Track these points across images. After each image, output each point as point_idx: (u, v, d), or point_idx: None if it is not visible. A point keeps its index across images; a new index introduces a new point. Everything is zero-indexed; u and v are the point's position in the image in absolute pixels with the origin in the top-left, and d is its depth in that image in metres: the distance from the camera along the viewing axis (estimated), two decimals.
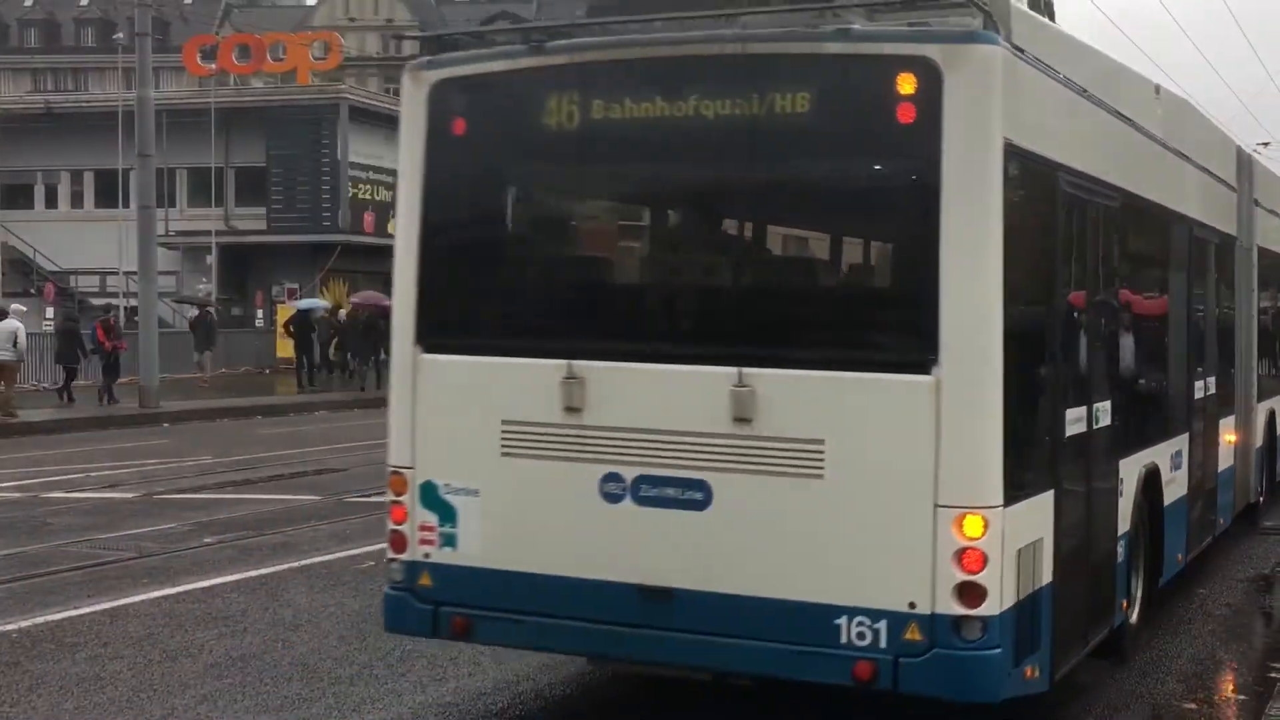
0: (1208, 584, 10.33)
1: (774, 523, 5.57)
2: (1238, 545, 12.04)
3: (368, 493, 15.13)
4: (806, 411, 5.56)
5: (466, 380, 6.22)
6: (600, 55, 6.03)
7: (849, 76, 5.62)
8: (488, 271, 6.40)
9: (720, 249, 6.29)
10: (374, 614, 9.06)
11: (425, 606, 6.25)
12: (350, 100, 41.76)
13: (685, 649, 5.74)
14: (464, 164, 6.37)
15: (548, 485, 5.98)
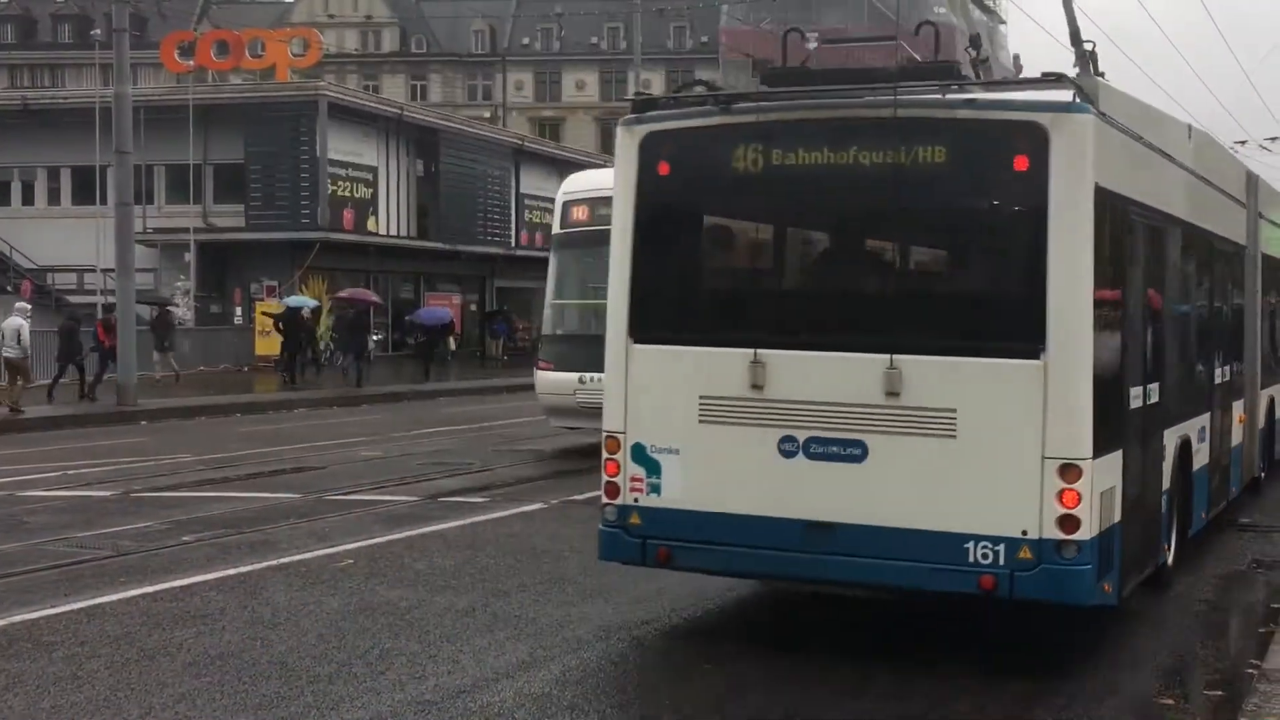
0: (1185, 580, 10.38)
1: (917, 471, 7.33)
2: (1214, 541, 12.11)
3: (347, 490, 15.12)
4: (943, 388, 7.32)
5: (670, 364, 8.04)
6: (780, 116, 7.91)
7: (976, 135, 7.45)
8: (687, 280, 8.42)
9: (874, 264, 8.14)
10: (353, 612, 9.08)
11: (635, 540, 8.11)
12: (329, 97, 41.66)
13: (844, 569, 7.55)
14: (667, 197, 8.26)
15: (736, 445, 7.77)
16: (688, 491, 7.96)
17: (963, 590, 7.30)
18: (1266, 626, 8.74)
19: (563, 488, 15.53)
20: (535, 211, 53.08)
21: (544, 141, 60.94)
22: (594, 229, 18.70)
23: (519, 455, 19.10)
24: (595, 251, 18.38)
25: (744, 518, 7.78)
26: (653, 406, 8.11)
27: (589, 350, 17.58)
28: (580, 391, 18.70)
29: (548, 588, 9.92)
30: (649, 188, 8.26)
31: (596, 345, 14.77)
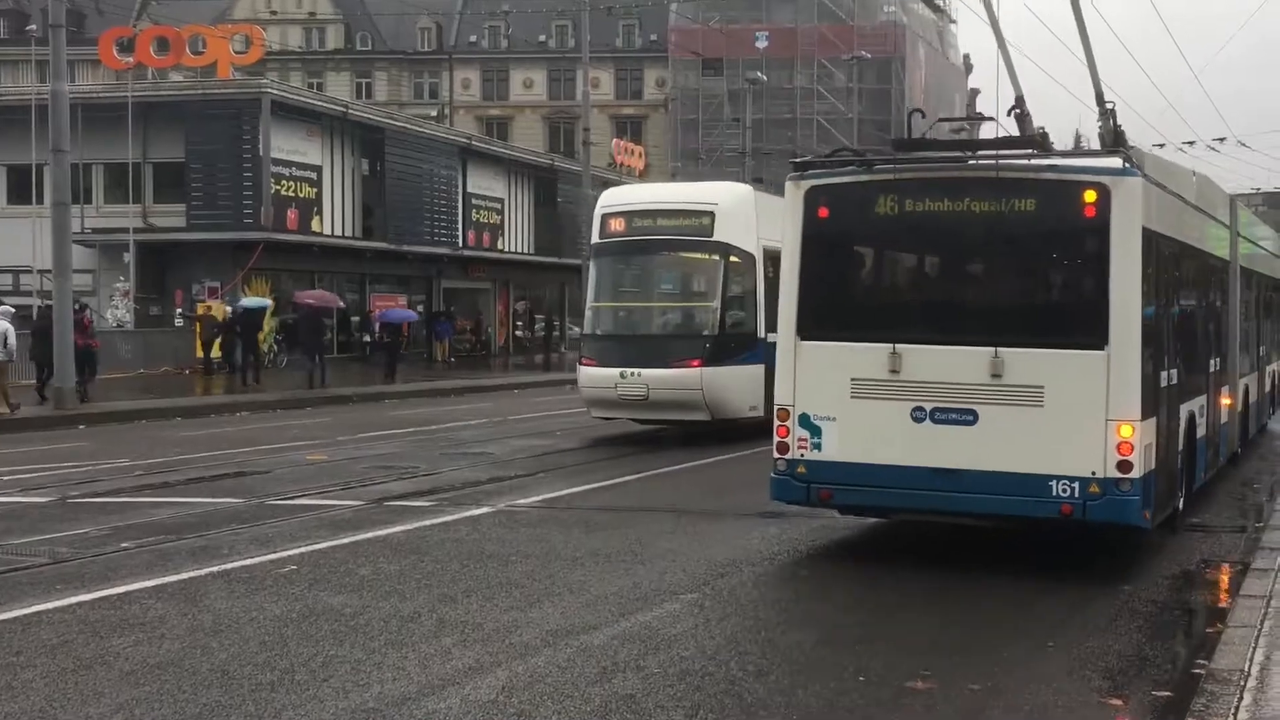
0: (1133, 580, 10.49)
1: (1014, 430, 10.19)
2: (1162, 542, 12.25)
3: (290, 495, 15.02)
4: (1033, 371, 10.21)
5: (828, 356, 11.00)
6: (910, 175, 10.89)
7: (1058, 191, 10.36)
8: (840, 293, 11.38)
9: (981, 283, 11.21)
10: (296, 618, 9.02)
11: (801, 485, 11.03)
12: (272, 95, 41.36)
13: (961, 503, 10.43)
14: (825, 234, 11.20)
15: (878, 413, 10.66)
16: (843, 448, 10.88)
17: (1048, 516, 10.17)
18: (1214, 626, 8.83)
19: (511, 492, 15.50)
20: (483, 211, 52.99)
21: (491, 141, 60.83)
22: (630, 239, 21.53)
23: (467, 459, 19.05)
24: (630, 259, 22.09)
25: (886, 466, 10.71)
26: (815, 386, 11.05)
27: (628, 347, 21.35)
28: (621, 385, 20.90)
29: (495, 593, 9.90)
30: (811, 228, 11.29)
31: (634, 343, 19.91)
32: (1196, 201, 13.66)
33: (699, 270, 21.83)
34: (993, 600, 9.84)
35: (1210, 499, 14.97)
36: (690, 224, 21.43)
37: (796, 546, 11.90)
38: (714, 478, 16.97)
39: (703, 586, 10.19)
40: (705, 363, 20.76)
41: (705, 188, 23.84)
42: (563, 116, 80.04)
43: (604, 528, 12.89)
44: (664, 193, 23.87)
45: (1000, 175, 10.64)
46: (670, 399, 20.92)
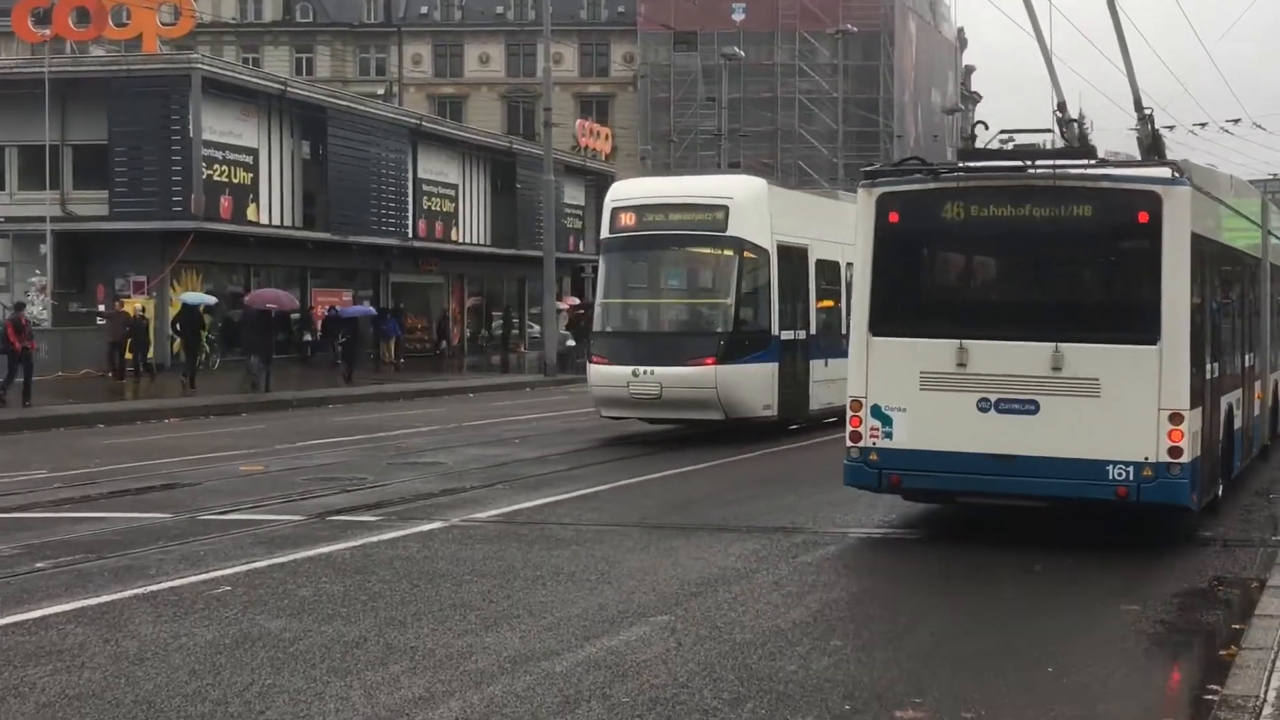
0: (1141, 599, 10.55)
1: (1073, 418, 11.86)
2: (1172, 557, 12.33)
3: (224, 509, 14.97)
4: (1091, 364, 11.90)
5: (898, 350, 12.60)
6: (975, 183, 12.62)
7: (1113, 198, 12.14)
8: (910, 293, 13.07)
9: (1041, 283, 12.95)
10: (230, 645, 8.99)
11: (873, 471, 12.70)
12: (204, 71, 41.15)
13: (1022, 486, 12.10)
14: (895, 238, 12.81)
15: (946, 404, 12.32)
16: (912, 437, 12.54)
17: (1103, 498, 11.91)
18: (1228, 649, 8.89)
19: (465, 505, 15.49)
20: (435, 199, 52.92)
21: (444, 121, 60.75)
22: (641, 234, 22.58)
23: (417, 470, 19.02)
24: (642, 255, 23.11)
25: (952, 453, 12.40)
26: (886, 379, 12.65)
27: (640, 345, 22.53)
28: (633, 384, 22.00)
29: (448, 615, 9.89)
30: (882, 232, 12.90)
31: (647, 341, 21.57)
32: (1233, 203, 15.60)
33: (713, 266, 22.99)
34: (988, 622, 9.89)
35: (1224, 510, 15.09)
36: (704, 219, 22.48)
37: (775, 565, 11.93)
38: (687, 490, 16.99)
39: (675, 608, 10.20)
40: (720, 361, 21.82)
41: (718, 181, 25.06)
42: (522, 95, 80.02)
43: (567, 544, 12.89)
44: (676, 186, 24.71)
45: (1058, 184, 12.48)
46: (684, 398, 21.92)
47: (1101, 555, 12.41)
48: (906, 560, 12.18)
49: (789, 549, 12.70)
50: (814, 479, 17.89)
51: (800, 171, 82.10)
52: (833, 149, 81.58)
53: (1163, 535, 13.31)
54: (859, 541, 13.18)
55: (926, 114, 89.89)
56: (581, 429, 25.62)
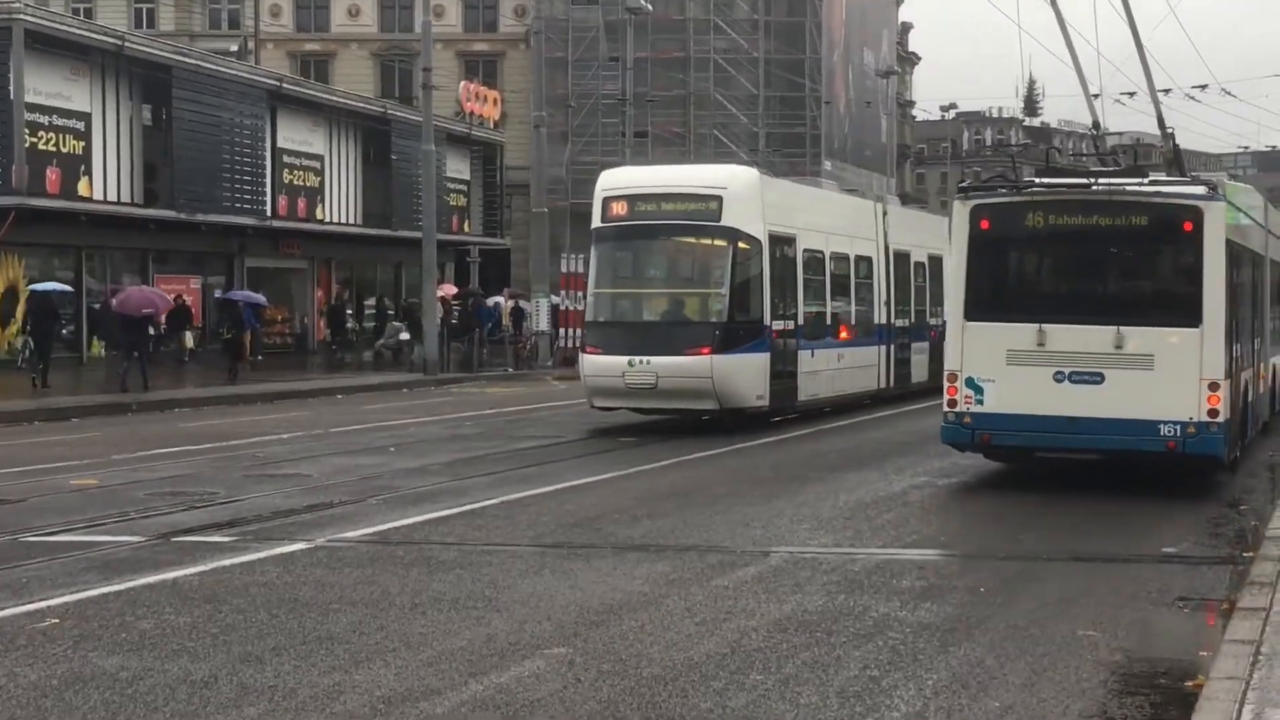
0: (1100, 625, 10.70)
1: (1132, 387, 16.63)
2: (1131, 573, 12.51)
3: (51, 530, 14.79)
4: (1146, 343, 16.73)
5: (988, 332, 17.29)
6: (1052, 197, 17.48)
7: (1164, 210, 17.08)
8: (997, 285, 17.80)
9: (1107, 278, 17.85)
10: (58, 686, 8.87)
11: (967, 430, 17.39)
12: (26, 22, 40.51)
13: (1092, 442, 17.14)
14: (986, 241, 17.49)
15: (1028, 376, 16.99)
16: (1000, 402, 17.31)
17: (1156, 450, 16.71)
18: (1194, 679, 9.04)
19: (333, 523, 15.42)
20: (297, 172, 52.52)
21: (308, 83, 60.32)
22: (633, 223, 25.50)
23: (277, 482, 18.90)
24: (635, 244, 26.19)
25: (1032, 415, 17.16)
26: (978, 356, 17.47)
27: (635, 335, 25.32)
28: (629, 373, 24.66)
29: (312, 650, 9.84)
30: (975, 235, 17.73)
31: (642, 331, 24.91)
32: (1248, 210, 20.89)
33: (708, 256, 25.85)
34: (926, 662, 9.98)
35: (1187, 523, 15.35)
36: (698, 208, 25.36)
37: (687, 589, 11.97)
38: (589, 504, 17.01)
39: (573, 639, 10.20)
40: (716, 351, 24.67)
41: (711, 170, 28.53)
42: (398, 53, 79.61)
43: (450, 566, 12.86)
44: (668, 175, 28.08)
45: (1119, 199, 17.53)
46: (680, 387, 24.67)
47: (1062, 587, 12.58)
48: (836, 582, 12.27)
49: (703, 571, 12.74)
50: (733, 491, 17.99)
51: (716, 141, 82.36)
52: (753, 116, 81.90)
53: (1128, 548, 13.52)
54: (782, 561, 13.26)
55: (858, 77, 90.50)
56: (468, 435, 25.57)
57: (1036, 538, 14.75)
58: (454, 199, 61.82)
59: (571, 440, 24.63)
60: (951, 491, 18.18)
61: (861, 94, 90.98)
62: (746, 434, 24.77)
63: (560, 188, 77.00)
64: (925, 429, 23.37)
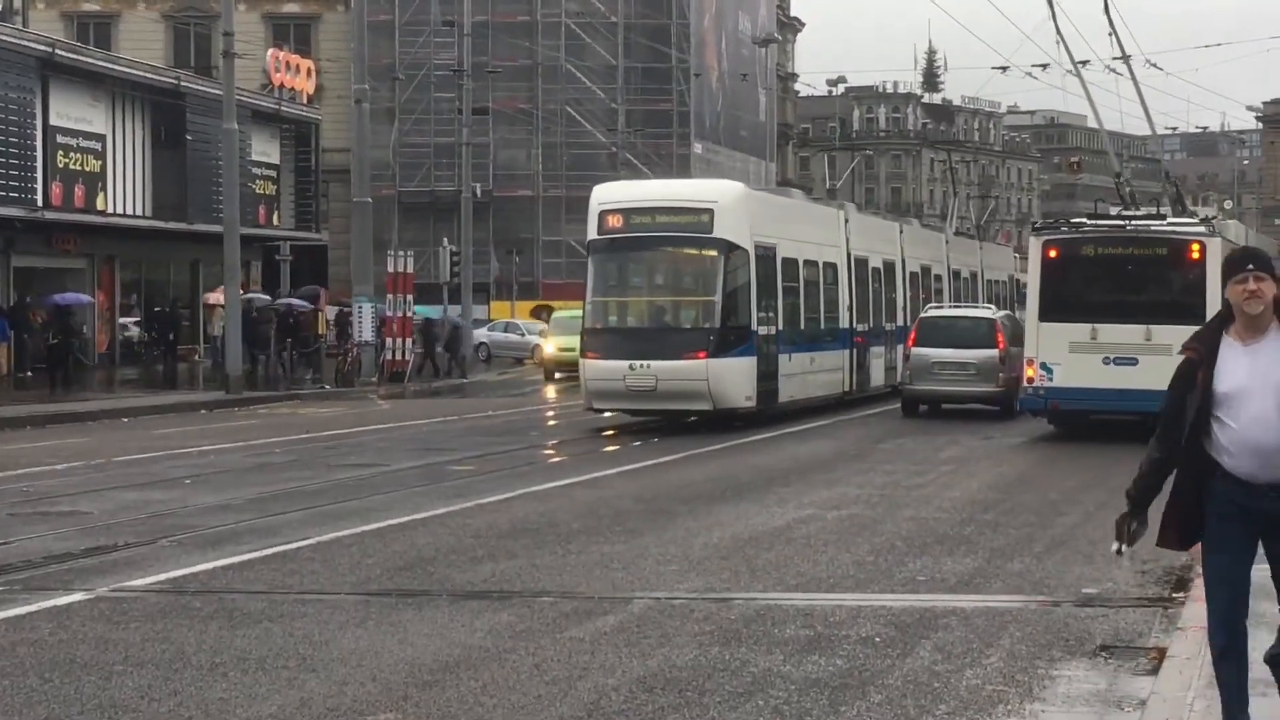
0: (1007, 677, 10.83)
1: (1158, 368, 18.19)
2: (1046, 618, 12.70)
3: None
4: (1167, 337, 25.67)
5: (1056, 330, 29.96)
6: (1102, 234, 30.96)
7: (1178, 244, 30.15)
8: (1062, 296, 30.38)
9: (1140, 290, 30.44)
10: None
11: (1041, 399, 30.23)
12: None
13: (1131, 408, 27.64)
14: (1053, 265, 30.45)
15: (1084, 360, 29.56)
16: (1064, 379, 29.23)
17: None
18: None
19: (117, 569, 15.27)
20: (74, 155, 51.84)
21: (86, 50, 59.53)
22: (628, 235, 31.53)
23: (51, 521, 18.66)
24: (632, 255, 32.44)
25: (1088, 389, 29.00)
26: (1048, 346, 29.47)
27: (635, 341, 31.30)
28: (630, 377, 30.29)
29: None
30: (1045, 262, 30.02)
31: (641, 336, 31.39)
32: (1236, 238, 34.36)
33: (701, 266, 31.97)
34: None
35: (1109, 556, 15.62)
36: (690, 221, 31.47)
37: (536, 642, 11.97)
38: (419, 544, 16.95)
39: (402, 702, 10.17)
40: (711, 355, 30.41)
41: (701, 185, 38.52)
42: (194, 15, 78.93)
43: (257, 619, 12.77)
44: (661, 190, 36.33)
45: (1146, 235, 29.65)
46: (678, 389, 30.47)
47: (967, 635, 12.74)
48: (709, 632, 12.32)
49: (555, 620, 12.74)
50: (588, 527, 18.01)
51: (568, 119, 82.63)
52: (611, 90, 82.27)
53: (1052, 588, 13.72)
54: (645, 608, 13.30)
55: (733, 46, 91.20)
56: (277, 464, 25.39)
57: (938, 575, 14.92)
58: (261, 186, 61.39)
59: (400, 469, 24.55)
60: (841, 522, 18.33)
61: (736, 65, 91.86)
62: (595, 466, 24.81)
63: (386, 173, 77.03)
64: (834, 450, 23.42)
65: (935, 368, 35.50)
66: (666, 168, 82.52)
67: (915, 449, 28.07)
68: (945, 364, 35.51)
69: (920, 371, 35.89)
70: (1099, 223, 31.08)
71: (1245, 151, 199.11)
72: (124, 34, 78.85)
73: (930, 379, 35.79)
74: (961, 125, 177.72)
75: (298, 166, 66.17)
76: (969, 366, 35.40)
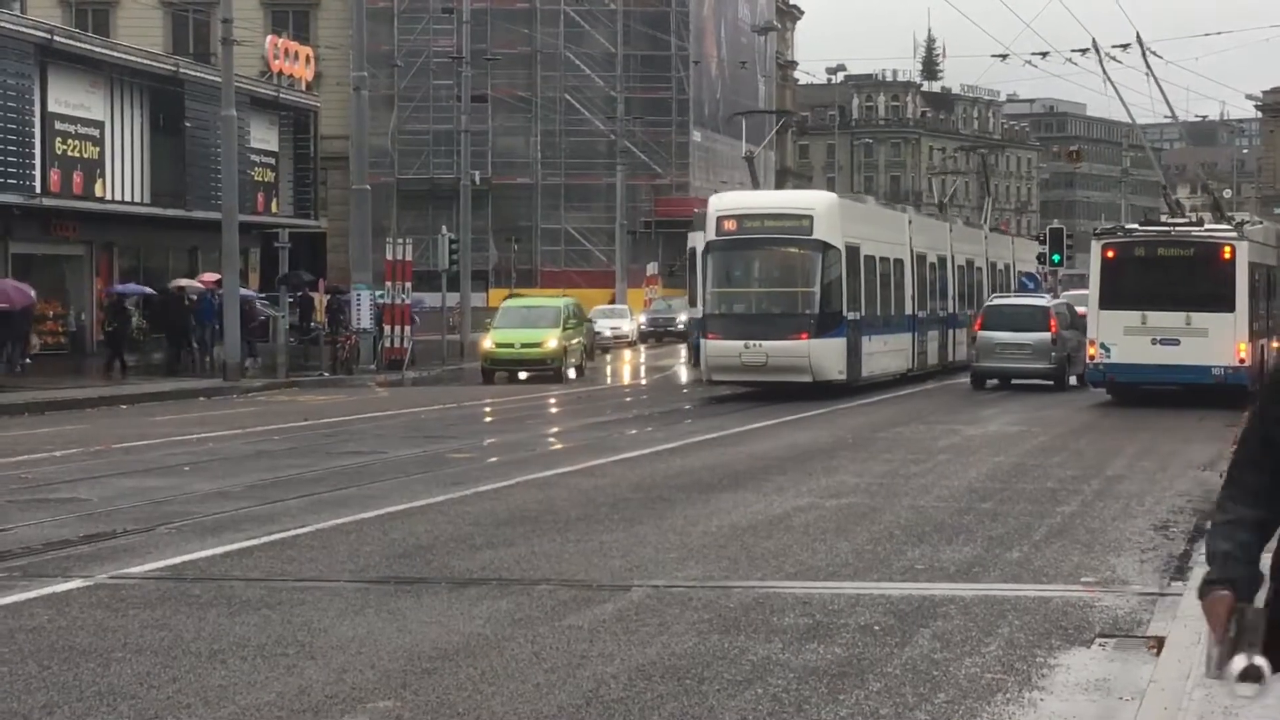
0: (1005, 665, 10.84)
1: (1198, 348, 36.09)
2: (1045, 605, 12.71)
3: None
4: (1204, 322, 36.35)
5: (1113, 316, 36.62)
6: (1151, 237, 38.34)
7: (1213, 245, 37.33)
8: (1118, 288, 37.08)
9: (1180, 284, 37.07)
10: None
11: (1101, 373, 37.26)
12: None
13: (1173, 378, 36.60)
14: (1113, 265, 37.32)
15: (1136, 341, 36.36)
16: (1120, 356, 35.96)
17: (1209, 382, 35.47)
18: None
19: (116, 556, 15.28)
20: (72, 141, 51.75)
21: (84, 36, 59.44)
22: (742, 237, 38.40)
23: (50, 508, 18.66)
24: (745, 253, 39.13)
25: (1139, 364, 35.95)
26: (1107, 329, 36.17)
27: (749, 324, 37.92)
28: (744, 354, 36.97)
29: (91, 707, 9.76)
30: (1104, 261, 36.85)
31: (753, 321, 38.79)
32: (1262, 240, 39.69)
33: (802, 262, 38.50)
34: (813, 712, 10.06)
35: (1109, 543, 15.62)
36: (793, 225, 38.35)
37: (535, 630, 11.98)
38: (419, 531, 16.96)
39: (401, 690, 10.18)
40: (811, 336, 37.29)
41: (802, 195, 51.42)
42: (192, 2, 78.83)
43: (256, 606, 12.78)
44: (769, 199, 47.78)
45: (1186, 238, 37.01)
46: (784, 364, 37.04)
47: (966, 623, 12.76)
48: (707, 620, 12.33)
49: (554, 608, 12.75)
50: (587, 514, 18.02)
51: (567, 107, 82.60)
52: (610, 78, 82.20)
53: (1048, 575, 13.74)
54: (644, 596, 13.30)
55: (732, 33, 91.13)
56: (276, 451, 25.39)
57: (936, 563, 14.92)
58: (259, 174, 61.30)
59: (399, 456, 24.55)
60: (840, 510, 18.33)
61: (736, 53, 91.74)
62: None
63: (385, 160, 76.95)
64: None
65: (999, 348, 41.57)
66: (665, 155, 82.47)
67: (915, 438, 28.05)
68: (1007, 345, 41.63)
69: (986, 351, 42.27)
70: (1148, 228, 38.66)
71: (1245, 140, 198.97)
72: (122, 20, 78.76)
73: (995, 357, 42.05)
74: (960, 113, 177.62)
75: (296, 154, 66.07)
76: (1026, 347, 41.50)
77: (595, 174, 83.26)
